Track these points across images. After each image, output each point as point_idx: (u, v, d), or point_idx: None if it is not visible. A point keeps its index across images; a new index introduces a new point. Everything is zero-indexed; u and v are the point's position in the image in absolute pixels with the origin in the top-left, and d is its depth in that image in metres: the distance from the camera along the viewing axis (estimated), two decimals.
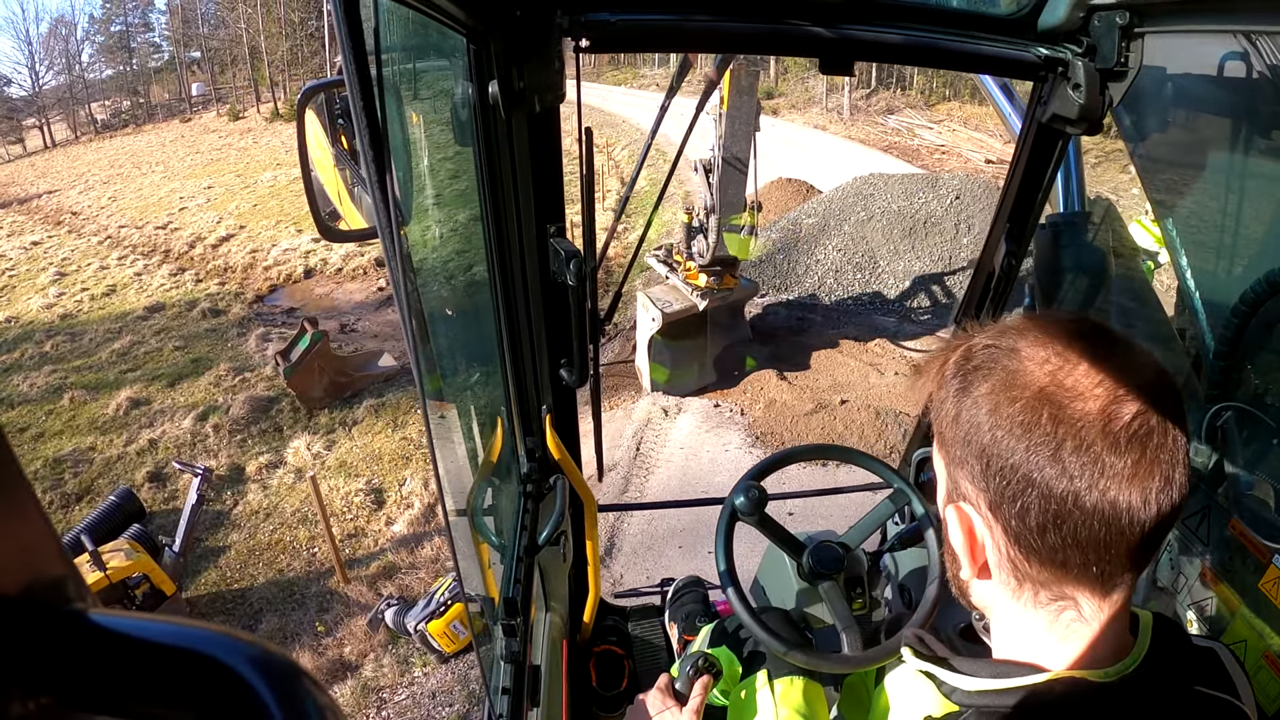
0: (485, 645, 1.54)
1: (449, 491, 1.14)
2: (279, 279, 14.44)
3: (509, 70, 1.26)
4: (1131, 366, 0.69)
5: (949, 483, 0.80)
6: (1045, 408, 0.68)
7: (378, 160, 0.75)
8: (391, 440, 8.22)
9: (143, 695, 0.28)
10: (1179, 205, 1.80)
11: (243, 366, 10.28)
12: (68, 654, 0.27)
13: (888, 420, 7.76)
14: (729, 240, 7.90)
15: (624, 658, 2.37)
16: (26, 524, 0.27)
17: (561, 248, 1.51)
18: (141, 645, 0.28)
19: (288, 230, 17.27)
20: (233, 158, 29.42)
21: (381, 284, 13.51)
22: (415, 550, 6.46)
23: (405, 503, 7.13)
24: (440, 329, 1.49)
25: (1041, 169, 1.82)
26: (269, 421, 8.78)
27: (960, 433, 0.74)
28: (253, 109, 43.40)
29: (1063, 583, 0.73)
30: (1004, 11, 1.62)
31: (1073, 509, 0.67)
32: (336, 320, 12.12)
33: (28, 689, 0.26)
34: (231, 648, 0.28)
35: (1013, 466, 0.69)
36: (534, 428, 1.87)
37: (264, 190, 21.98)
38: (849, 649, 1.48)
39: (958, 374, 0.76)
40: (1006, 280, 1.98)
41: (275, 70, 44.77)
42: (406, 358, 9.92)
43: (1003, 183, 1.93)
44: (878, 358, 9.54)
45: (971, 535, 0.77)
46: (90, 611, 0.28)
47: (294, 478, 7.65)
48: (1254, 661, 1.42)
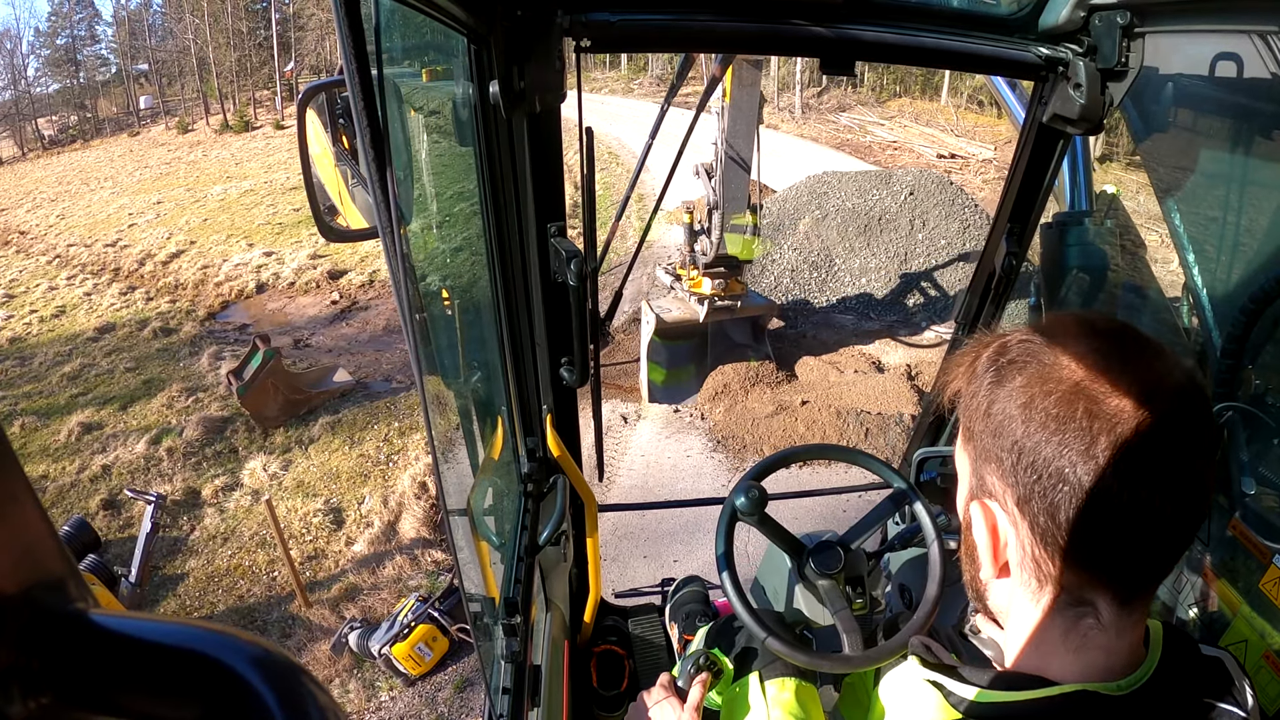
0: (486, 645, 1.54)
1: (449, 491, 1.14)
2: (231, 295, 14.08)
3: (510, 70, 1.26)
4: (1165, 369, 0.69)
5: (974, 478, 0.79)
6: (1081, 402, 0.67)
7: (378, 160, 0.75)
8: (349, 458, 8.06)
9: (144, 695, 0.28)
10: (1187, 204, 1.80)
11: (196, 386, 10.05)
12: (69, 653, 0.27)
13: (849, 420, 7.68)
14: (731, 241, 7.87)
15: (624, 657, 2.37)
16: (28, 525, 0.27)
17: (562, 248, 1.51)
18: (142, 645, 0.28)
19: (239, 244, 16.95)
20: (182, 171, 28.92)
21: (335, 297, 13.24)
22: (377, 570, 6.35)
23: (365, 522, 6.99)
24: (440, 329, 1.49)
25: (1042, 169, 1.82)
26: (224, 443, 8.57)
27: (991, 426, 0.73)
28: (201, 121, 42.80)
29: (1085, 587, 0.72)
30: (1005, 11, 1.62)
31: (1104, 506, 0.66)
32: (290, 336, 11.85)
33: (29, 688, 0.26)
34: (233, 647, 0.28)
35: (1045, 460, 0.68)
36: (534, 427, 1.87)
37: (214, 204, 21.57)
38: (849, 649, 1.48)
39: (991, 367, 0.75)
40: (1007, 280, 1.97)
41: (224, 81, 44.26)
42: (361, 372, 9.86)
43: (1003, 183, 1.93)
44: (837, 356, 9.47)
45: (995, 533, 0.75)
46: (91, 611, 0.28)
47: (251, 500, 7.45)
48: (1254, 661, 1.42)
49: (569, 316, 1.63)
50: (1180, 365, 0.70)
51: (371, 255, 14.97)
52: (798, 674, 1.44)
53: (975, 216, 12.71)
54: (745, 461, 7.36)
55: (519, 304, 1.63)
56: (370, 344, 11.34)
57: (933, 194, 12.81)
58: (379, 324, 12.12)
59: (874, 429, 7.61)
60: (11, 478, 0.27)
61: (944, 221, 12.43)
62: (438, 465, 0.95)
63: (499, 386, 1.77)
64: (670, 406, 8.25)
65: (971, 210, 12.86)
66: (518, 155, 1.42)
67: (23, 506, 0.27)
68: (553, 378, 1.78)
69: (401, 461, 7.85)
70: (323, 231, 1.70)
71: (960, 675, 0.79)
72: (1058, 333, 0.73)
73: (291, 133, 34.94)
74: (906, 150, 21.17)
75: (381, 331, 11.82)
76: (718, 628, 1.67)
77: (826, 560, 1.59)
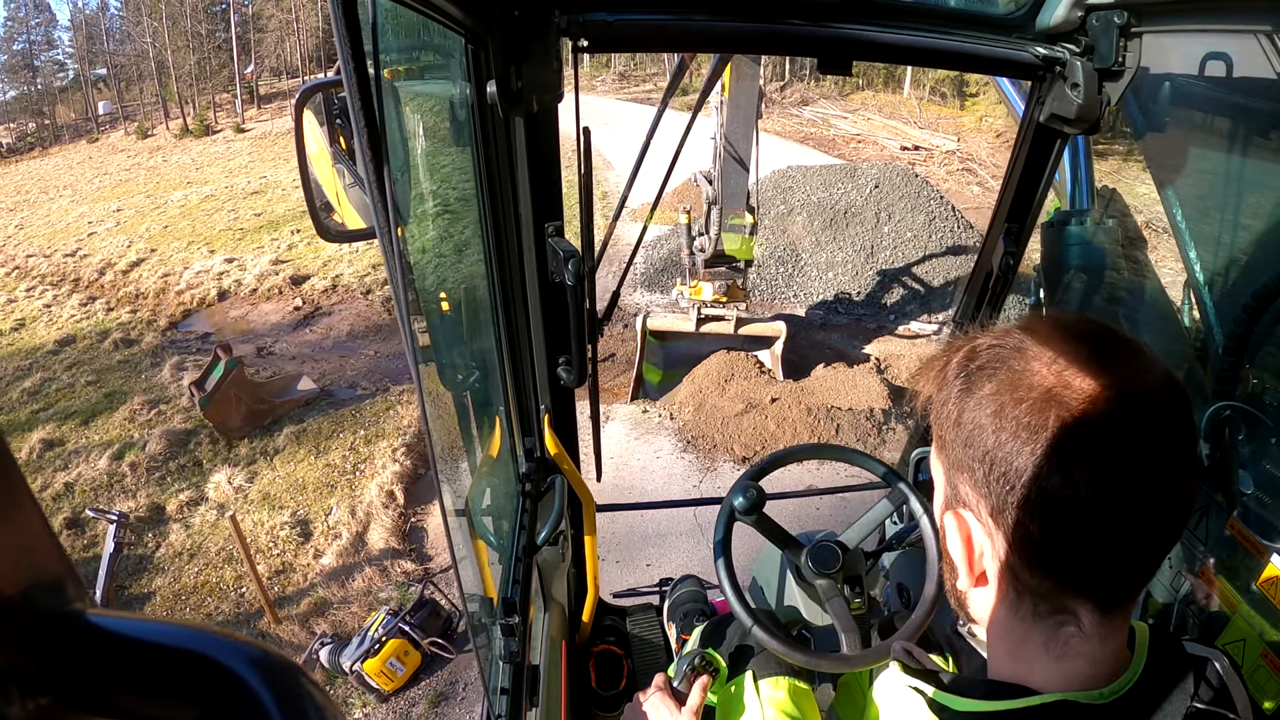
0: (484, 645, 1.54)
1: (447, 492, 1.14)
2: (192, 303, 13.84)
3: (507, 70, 1.26)
4: (1141, 370, 0.67)
5: (948, 488, 0.77)
6: (1053, 409, 0.65)
7: (376, 160, 0.75)
8: (315, 468, 7.93)
9: (142, 695, 0.28)
10: (1188, 202, 1.80)
11: (158, 399, 9.84)
12: (67, 654, 0.27)
13: (820, 416, 7.61)
14: (729, 239, 7.84)
15: (623, 657, 2.37)
16: (26, 525, 0.27)
17: (560, 247, 1.51)
18: (141, 646, 0.28)
19: (200, 251, 16.70)
20: (142, 178, 28.50)
21: (298, 303, 13.11)
22: (346, 583, 6.26)
23: (333, 533, 6.88)
24: (438, 328, 1.49)
25: (1040, 168, 1.83)
26: (188, 456, 8.41)
27: (962, 435, 0.71)
28: (161, 126, 42.18)
29: (1064, 595, 0.70)
30: (1002, 11, 1.63)
31: (1080, 516, 0.65)
32: (253, 344, 11.68)
33: (27, 689, 0.26)
34: (231, 648, 0.28)
35: (1018, 471, 0.66)
36: (532, 427, 1.87)
37: (174, 211, 21.33)
38: (846, 648, 1.48)
39: (960, 374, 0.73)
40: (1005, 280, 1.97)
41: (183, 85, 43.46)
42: (325, 380, 9.73)
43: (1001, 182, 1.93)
44: (805, 352, 9.37)
45: (970, 543, 0.74)
46: (89, 612, 0.28)
47: (217, 514, 7.31)
48: (1252, 660, 1.43)
49: (566, 316, 1.63)
50: (1158, 365, 0.68)
51: (334, 260, 14.78)
52: (792, 673, 1.44)
53: (941, 208, 12.78)
54: (715, 462, 7.30)
55: (516, 304, 1.63)
56: (334, 350, 11.18)
57: (898, 187, 12.89)
58: (343, 329, 11.95)
59: (845, 425, 7.54)
60: (9, 479, 0.26)
61: (910, 214, 12.51)
62: (435, 466, 0.95)
63: (497, 386, 1.77)
64: (639, 407, 8.19)
65: (937, 202, 12.93)
66: (515, 155, 1.42)
67: (21, 507, 0.27)
68: (550, 378, 1.78)
69: (368, 470, 7.72)
70: (320, 231, 1.70)
71: (940, 682, 0.78)
72: (1028, 336, 0.71)
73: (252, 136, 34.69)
74: (870, 143, 21.26)
75: (345, 337, 11.65)
76: (711, 627, 1.67)
77: (824, 560, 1.59)
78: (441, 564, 6.38)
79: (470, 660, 5.27)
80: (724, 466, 7.24)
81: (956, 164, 19.87)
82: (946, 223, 12.53)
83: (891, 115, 24.77)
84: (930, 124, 23.93)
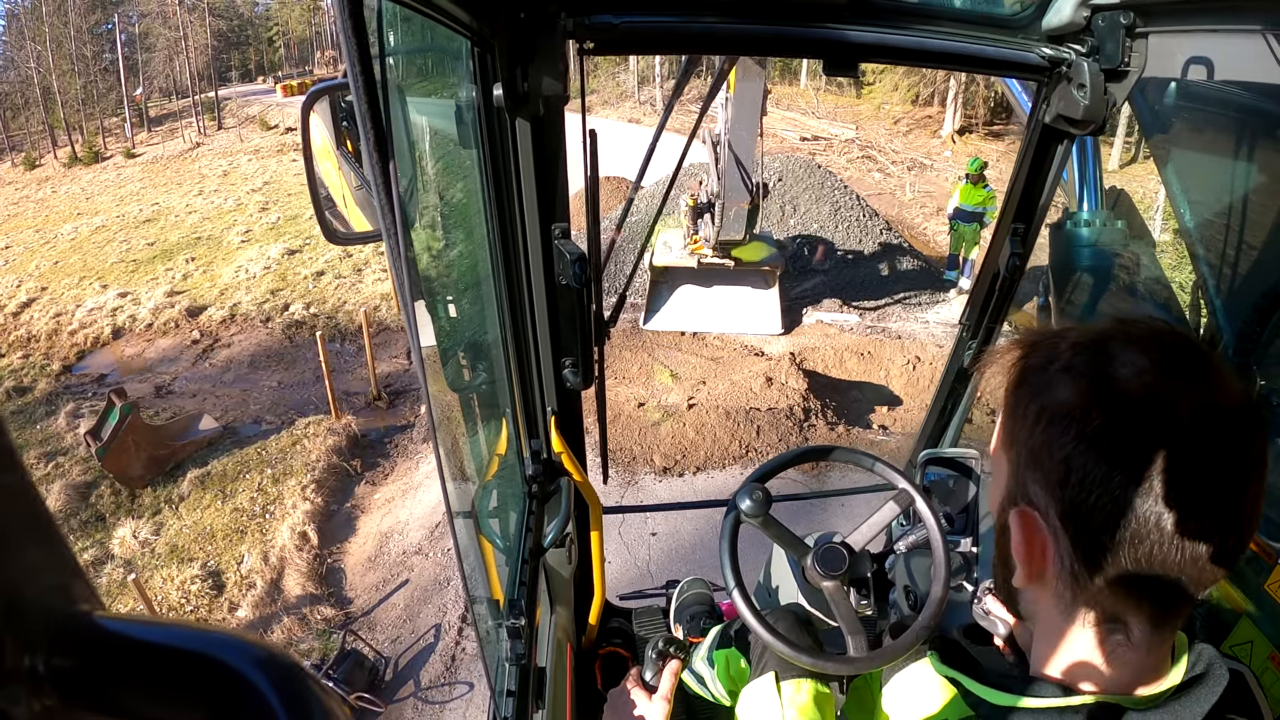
0: (490, 647, 1.54)
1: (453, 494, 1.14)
2: (86, 343, 12.99)
3: (513, 73, 1.26)
4: (1225, 388, 0.66)
5: (1013, 483, 0.75)
6: (1138, 422, 0.65)
7: (382, 163, 0.75)
8: (223, 513, 7.59)
9: (149, 696, 0.28)
10: (1197, 202, 1.79)
11: (55, 450, 9.25)
12: (75, 655, 0.27)
13: (739, 420, 7.41)
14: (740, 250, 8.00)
15: (629, 660, 2.37)
16: (35, 529, 0.27)
17: (566, 250, 1.51)
18: (147, 647, 0.28)
19: (92, 287, 15.84)
20: (30, 211, 26.43)
21: (196, 335, 12.63)
22: (265, 636, 5.91)
23: (246, 583, 6.59)
24: (443, 331, 1.49)
25: (1046, 169, 1.82)
26: (90, 510, 7.94)
27: (1039, 435, 0.70)
28: (49, 155, 38.72)
29: (1121, 605, 0.70)
30: (1007, 12, 1.62)
31: (1152, 530, 0.64)
32: (150, 382, 11.19)
33: (35, 690, 0.26)
34: (237, 649, 0.29)
35: (1095, 480, 0.66)
36: (538, 430, 1.87)
37: (65, 245, 20.25)
38: (854, 651, 1.47)
39: (1042, 372, 0.72)
40: (1012, 280, 1.97)
41: (70, 110, 40.44)
42: (228, 416, 9.40)
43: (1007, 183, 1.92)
44: (718, 352, 9.28)
45: (1033, 542, 0.73)
46: (97, 614, 0.29)
47: (124, 572, 6.82)
48: (1259, 663, 1.42)
49: (572, 318, 1.63)
50: (1238, 386, 0.68)
51: (231, 288, 14.30)
52: (815, 676, 1.43)
53: (845, 198, 12.80)
54: (637, 475, 7.09)
55: (522, 306, 1.63)
56: (236, 383, 10.83)
57: (801, 178, 12.90)
58: (244, 361, 11.55)
59: (765, 426, 7.38)
60: (21, 487, 0.27)
61: (815, 205, 12.53)
62: (441, 467, 0.95)
63: (503, 388, 1.77)
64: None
65: (841, 192, 12.94)
66: (521, 157, 1.42)
67: (29, 509, 0.27)
68: (556, 380, 1.78)
69: (279, 512, 7.43)
70: (327, 235, 1.70)
71: (981, 675, 0.78)
72: (1118, 341, 0.70)
73: (143, 161, 33.16)
74: (770, 135, 21.40)
75: (247, 369, 11.27)
76: (737, 629, 1.67)
77: (831, 562, 1.59)
78: (362, 606, 6.21)
79: (401, 710, 5.20)
80: (645, 479, 7.05)
81: (856, 152, 20.11)
82: (852, 212, 12.59)
83: (789, 106, 24.94)
84: (828, 114, 24.07)
